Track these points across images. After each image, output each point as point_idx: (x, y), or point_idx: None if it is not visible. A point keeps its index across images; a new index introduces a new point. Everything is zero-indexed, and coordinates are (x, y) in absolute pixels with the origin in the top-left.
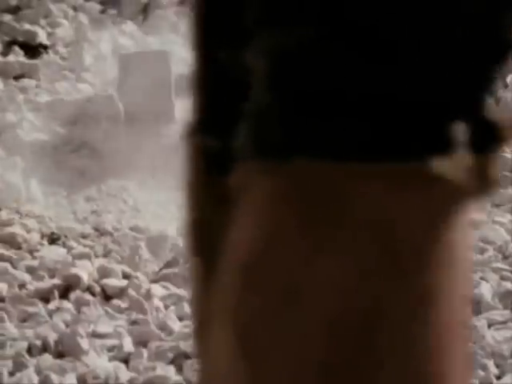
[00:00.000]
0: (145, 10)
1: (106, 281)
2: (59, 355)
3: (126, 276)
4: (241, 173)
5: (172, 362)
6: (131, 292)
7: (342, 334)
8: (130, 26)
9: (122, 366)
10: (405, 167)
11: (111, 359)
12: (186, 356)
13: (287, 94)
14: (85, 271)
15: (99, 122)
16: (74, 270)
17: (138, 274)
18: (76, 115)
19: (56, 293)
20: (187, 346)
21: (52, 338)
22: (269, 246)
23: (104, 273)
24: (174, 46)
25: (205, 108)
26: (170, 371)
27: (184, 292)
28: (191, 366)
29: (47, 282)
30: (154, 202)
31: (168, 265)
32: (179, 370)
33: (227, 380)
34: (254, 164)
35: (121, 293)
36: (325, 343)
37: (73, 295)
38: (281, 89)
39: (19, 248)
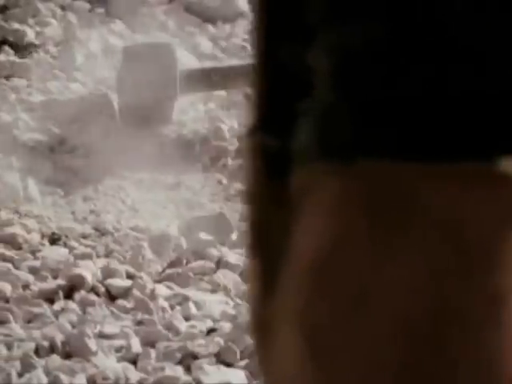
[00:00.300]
0: (133, 8)
1: (110, 281)
2: (67, 356)
3: (129, 276)
4: (305, 174)
5: (180, 362)
6: (136, 292)
7: (412, 334)
8: (118, 25)
9: (131, 366)
10: (474, 167)
11: (119, 360)
12: (194, 356)
13: (354, 94)
14: (88, 271)
15: (94, 121)
16: (77, 271)
17: (142, 274)
18: (71, 115)
19: (60, 293)
20: (194, 346)
21: (59, 338)
22: (337, 248)
23: (108, 273)
24: None
25: (264, 106)
26: (179, 371)
27: (188, 292)
28: (199, 367)
29: (51, 283)
30: (151, 201)
31: (171, 265)
32: (187, 370)
33: (295, 382)
34: (320, 165)
35: (125, 293)
36: (394, 344)
37: (77, 296)
38: (347, 88)
39: (20, 248)
